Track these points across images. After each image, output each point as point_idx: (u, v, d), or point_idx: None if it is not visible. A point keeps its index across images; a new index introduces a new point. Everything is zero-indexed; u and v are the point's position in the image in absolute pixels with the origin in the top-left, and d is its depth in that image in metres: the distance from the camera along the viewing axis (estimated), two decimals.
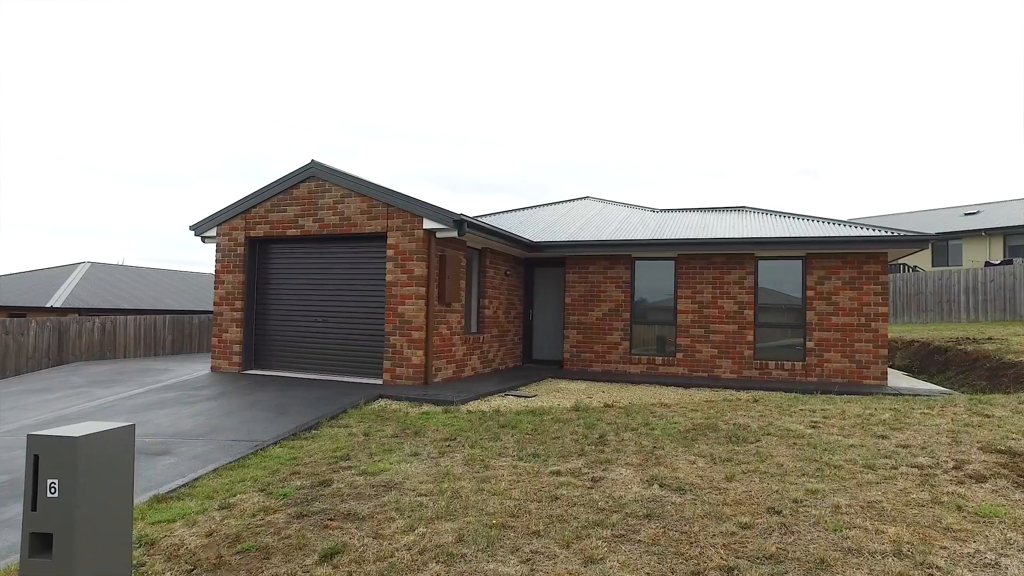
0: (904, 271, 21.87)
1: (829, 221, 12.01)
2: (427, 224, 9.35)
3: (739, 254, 11.28)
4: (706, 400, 8.50)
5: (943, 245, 26.73)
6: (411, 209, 9.45)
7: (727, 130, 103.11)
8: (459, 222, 9.17)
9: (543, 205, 17.03)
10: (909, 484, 4.33)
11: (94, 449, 2.67)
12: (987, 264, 20.29)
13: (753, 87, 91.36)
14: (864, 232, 10.67)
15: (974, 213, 28.67)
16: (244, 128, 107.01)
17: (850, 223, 11.73)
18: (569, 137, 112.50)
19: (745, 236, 11.04)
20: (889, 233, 10.46)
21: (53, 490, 2.53)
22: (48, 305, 17.73)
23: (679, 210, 14.94)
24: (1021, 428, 5.90)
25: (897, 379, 10.96)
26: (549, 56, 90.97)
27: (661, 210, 15.07)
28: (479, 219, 11.42)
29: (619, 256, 12.09)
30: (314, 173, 10.24)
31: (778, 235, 10.89)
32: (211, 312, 14.17)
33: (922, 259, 26.43)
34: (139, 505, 4.37)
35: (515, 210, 16.47)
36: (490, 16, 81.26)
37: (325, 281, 10.48)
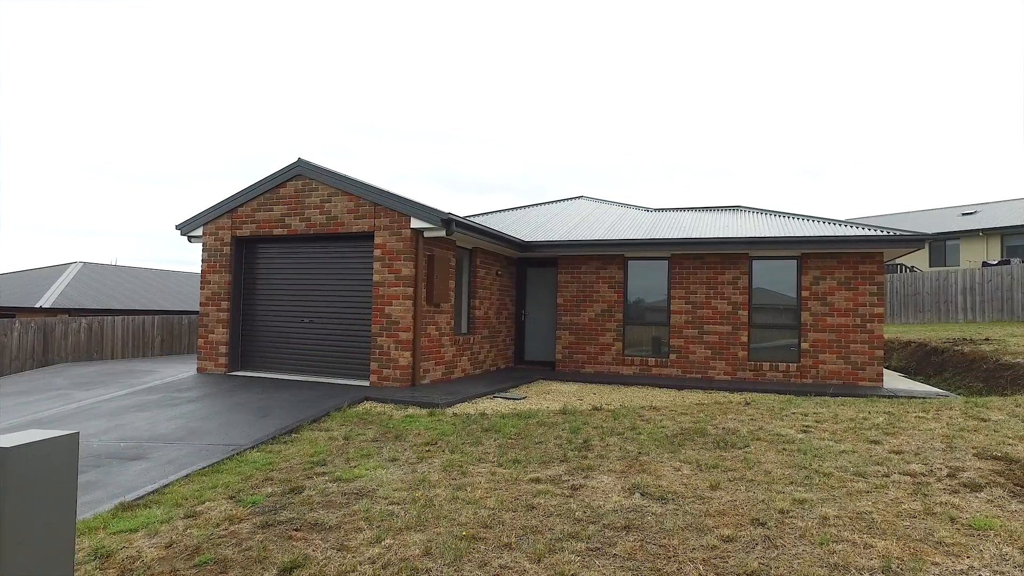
0: (901, 271, 21.71)
1: (825, 221, 11.84)
2: (415, 223, 9.18)
3: (733, 254, 11.12)
4: (697, 403, 8.34)
5: (940, 245, 26.58)
6: (399, 208, 9.28)
7: (730, 130, 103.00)
8: (447, 221, 9.00)
9: (536, 204, 16.82)
10: (901, 493, 4.16)
11: (29, 460, 2.50)
12: (984, 264, 20.15)
13: (756, 87, 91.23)
14: (859, 232, 10.50)
15: (972, 213, 28.51)
16: (247, 129, 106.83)
17: (846, 223, 11.55)
18: (571, 137, 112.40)
19: (739, 236, 10.87)
20: (885, 233, 10.28)
21: None
22: (37, 305, 17.53)
23: (673, 210, 14.77)
24: (1018, 433, 5.73)
25: (893, 380, 10.80)
26: (551, 57, 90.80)
27: (655, 210, 14.90)
28: (469, 218, 11.26)
29: (612, 256, 11.92)
30: (301, 172, 10.06)
31: (772, 235, 10.72)
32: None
33: (919, 259, 26.28)
34: (103, 514, 4.22)
35: (508, 209, 16.28)
36: (492, 17, 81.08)
37: (312, 281, 10.30)
